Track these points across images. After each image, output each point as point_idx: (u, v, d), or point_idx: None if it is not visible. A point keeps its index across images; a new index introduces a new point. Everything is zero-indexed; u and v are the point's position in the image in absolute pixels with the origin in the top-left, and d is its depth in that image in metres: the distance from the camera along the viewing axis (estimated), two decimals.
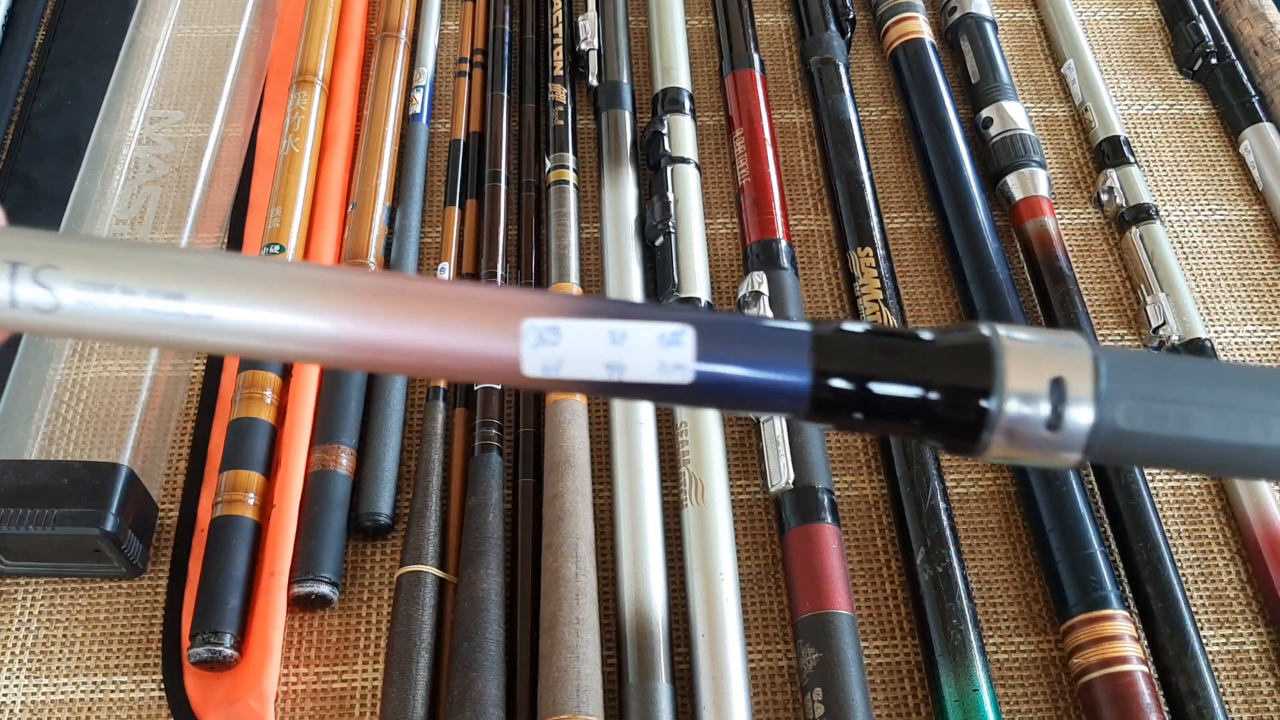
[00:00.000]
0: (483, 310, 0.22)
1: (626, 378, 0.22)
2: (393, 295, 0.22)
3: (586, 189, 0.59)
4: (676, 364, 0.22)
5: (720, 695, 0.42)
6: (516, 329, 0.22)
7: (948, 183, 0.58)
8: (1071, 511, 0.47)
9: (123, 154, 0.58)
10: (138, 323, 0.21)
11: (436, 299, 0.22)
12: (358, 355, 0.22)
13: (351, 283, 0.22)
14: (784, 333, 0.23)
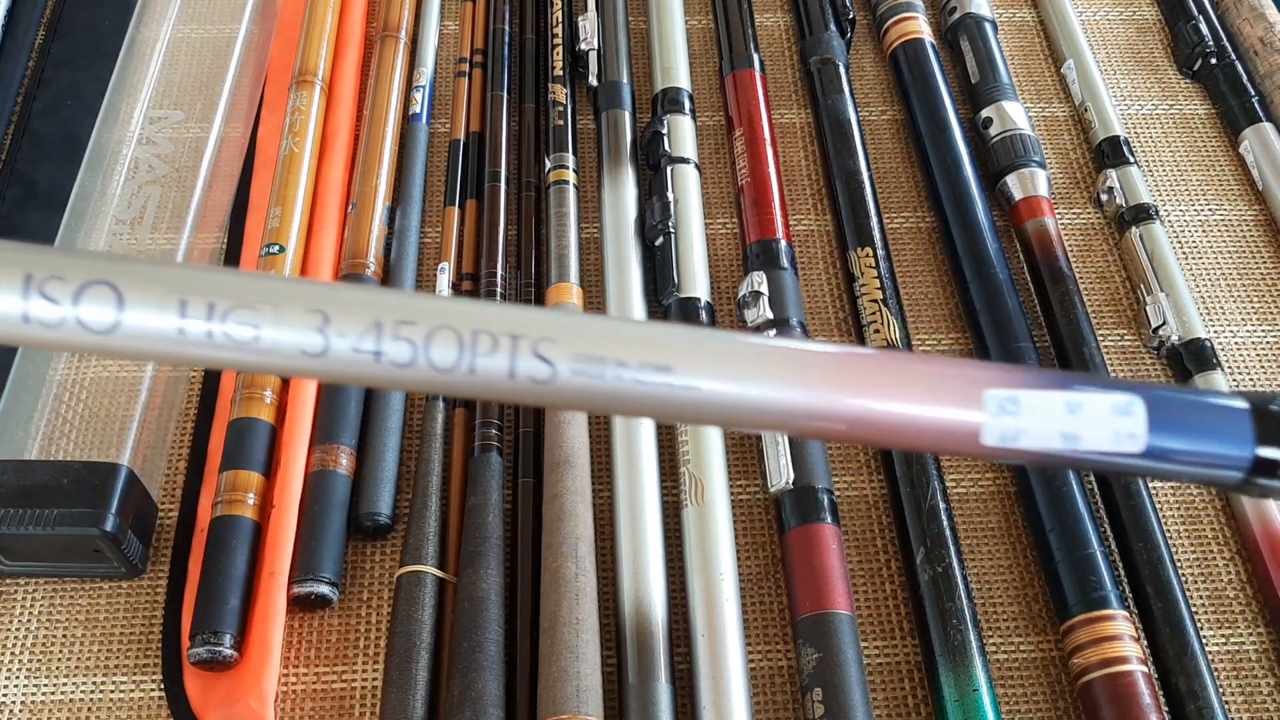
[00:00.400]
0: (946, 382, 0.23)
1: (1081, 448, 0.23)
2: (862, 369, 0.23)
3: (586, 189, 0.59)
4: (1130, 433, 0.23)
5: (720, 695, 0.42)
6: (979, 399, 0.23)
7: (948, 183, 0.58)
8: (1071, 511, 0.47)
9: (123, 154, 0.58)
10: (627, 395, 0.22)
11: (904, 372, 0.23)
12: (822, 425, 0.23)
13: (821, 357, 0.23)
14: (1227, 408, 0.24)
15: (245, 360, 0.21)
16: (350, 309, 0.21)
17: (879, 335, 0.52)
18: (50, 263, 0.21)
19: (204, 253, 0.56)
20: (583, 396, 0.22)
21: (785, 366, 0.23)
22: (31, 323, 0.21)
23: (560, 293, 0.53)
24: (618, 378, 0.22)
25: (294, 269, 0.53)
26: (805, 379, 0.23)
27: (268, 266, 0.53)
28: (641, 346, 0.22)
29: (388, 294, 0.22)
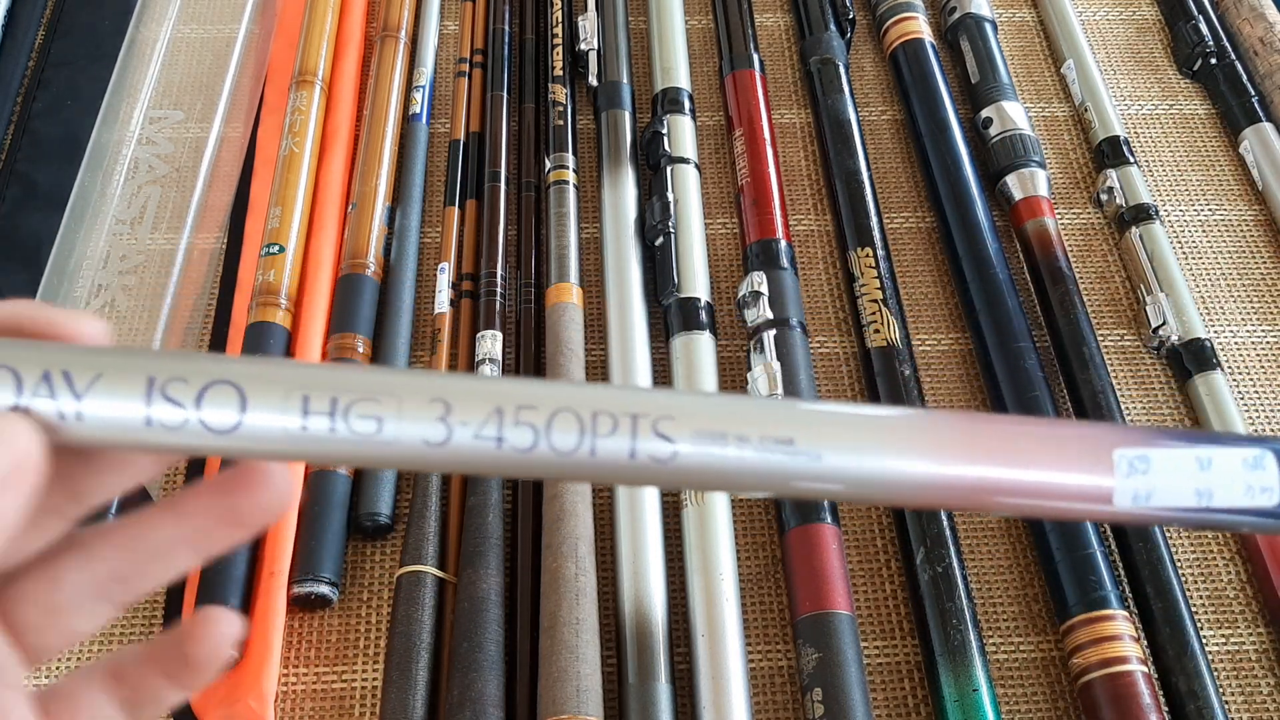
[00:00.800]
0: (1075, 444, 0.23)
1: (1215, 504, 0.23)
2: (988, 436, 0.23)
3: (586, 189, 0.59)
4: (1263, 487, 0.23)
5: (720, 695, 0.42)
6: (1109, 461, 0.22)
7: (947, 183, 0.58)
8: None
9: (122, 154, 0.58)
10: (749, 471, 0.22)
11: (1030, 436, 0.23)
12: (949, 497, 0.23)
13: (947, 424, 0.23)
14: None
15: (368, 454, 0.21)
16: (472, 397, 0.21)
17: (879, 335, 0.52)
18: (171, 366, 0.21)
19: (204, 253, 0.56)
20: (706, 473, 0.22)
21: (911, 436, 0.22)
22: (154, 426, 0.21)
23: (560, 293, 0.53)
24: (739, 455, 0.22)
25: (294, 269, 0.53)
26: (932, 449, 0.22)
27: (267, 267, 0.53)
28: (762, 421, 0.22)
29: (509, 382, 0.22)
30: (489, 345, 0.51)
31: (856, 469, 0.22)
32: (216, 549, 0.24)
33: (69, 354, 0.21)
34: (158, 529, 0.24)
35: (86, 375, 0.21)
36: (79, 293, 0.54)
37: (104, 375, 0.21)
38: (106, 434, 0.21)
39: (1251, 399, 0.54)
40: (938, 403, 0.53)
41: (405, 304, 0.54)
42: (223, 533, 0.24)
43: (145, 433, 0.21)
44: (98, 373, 0.21)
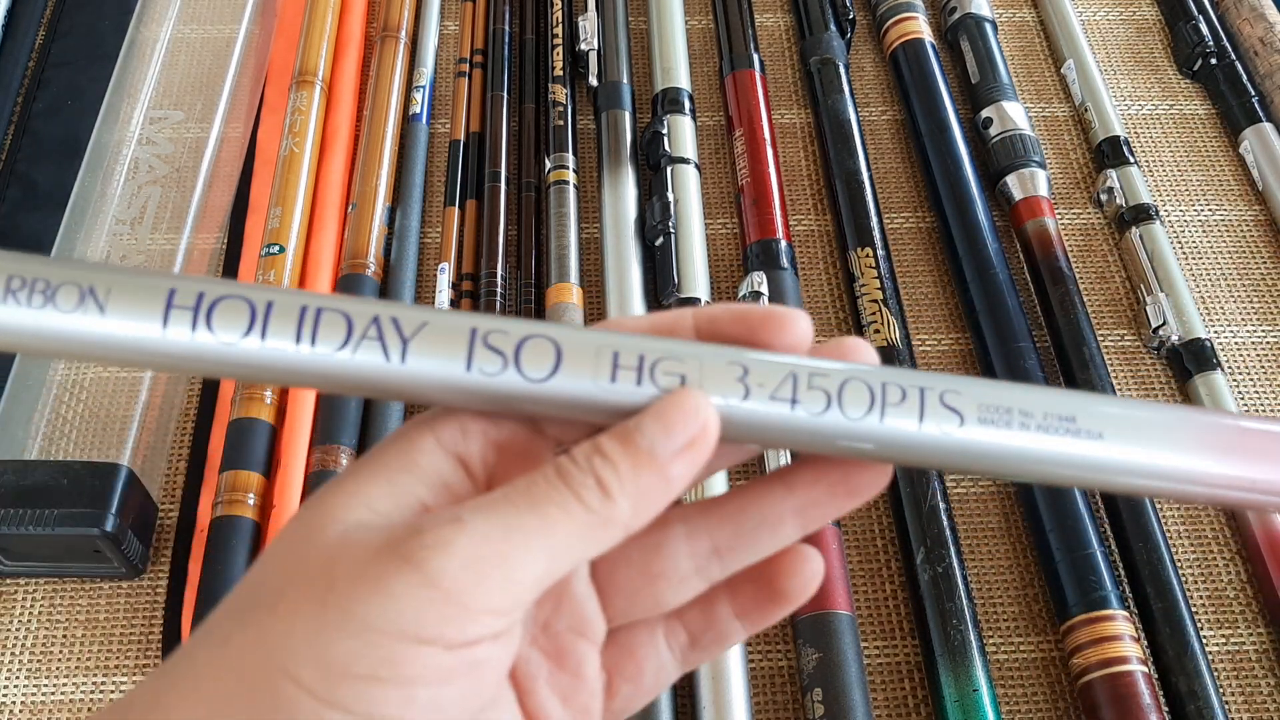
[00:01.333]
0: None
1: None
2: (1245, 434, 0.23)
3: (586, 189, 0.59)
4: None
5: (720, 695, 0.42)
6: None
7: (948, 183, 0.58)
8: (1071, 511, 0.47)
9: (123, 154, 0.58)
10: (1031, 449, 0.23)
11: None
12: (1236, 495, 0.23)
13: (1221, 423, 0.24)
14: None
15: None
16: (769, 366, 0.22)
17: (879, 335, 0.52)
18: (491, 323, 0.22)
19: (204, 253, 0.56)
20: (988, 449, 0.23)
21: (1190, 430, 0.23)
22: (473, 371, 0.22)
23: (560, 293, 0.53)
24: (1023, 434, 0.22)
25: (294, 269, 0.54)
26: (1234, 448, 0.23)
27: (268, 267, 0.53)
28: (1045, 401, 0.23)
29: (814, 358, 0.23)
30: None
31: (1139, 463, 0.23)
32: (824, 519, 0.25)
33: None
34: (766, 501, 0.24)
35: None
36: None
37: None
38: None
39: (1251, 399, 0.54)
40: None
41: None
42: (833, 503, 0.24)
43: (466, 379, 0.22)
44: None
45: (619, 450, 0.21)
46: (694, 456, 0.22)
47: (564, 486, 0.21)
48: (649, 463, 0.21)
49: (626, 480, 0.21)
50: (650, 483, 0.21)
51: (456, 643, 0.20)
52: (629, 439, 0.21)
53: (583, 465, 0.21)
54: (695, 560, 0.24)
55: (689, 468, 0.22)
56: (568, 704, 0.24)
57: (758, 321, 0.23)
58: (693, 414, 0.22)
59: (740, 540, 0.24)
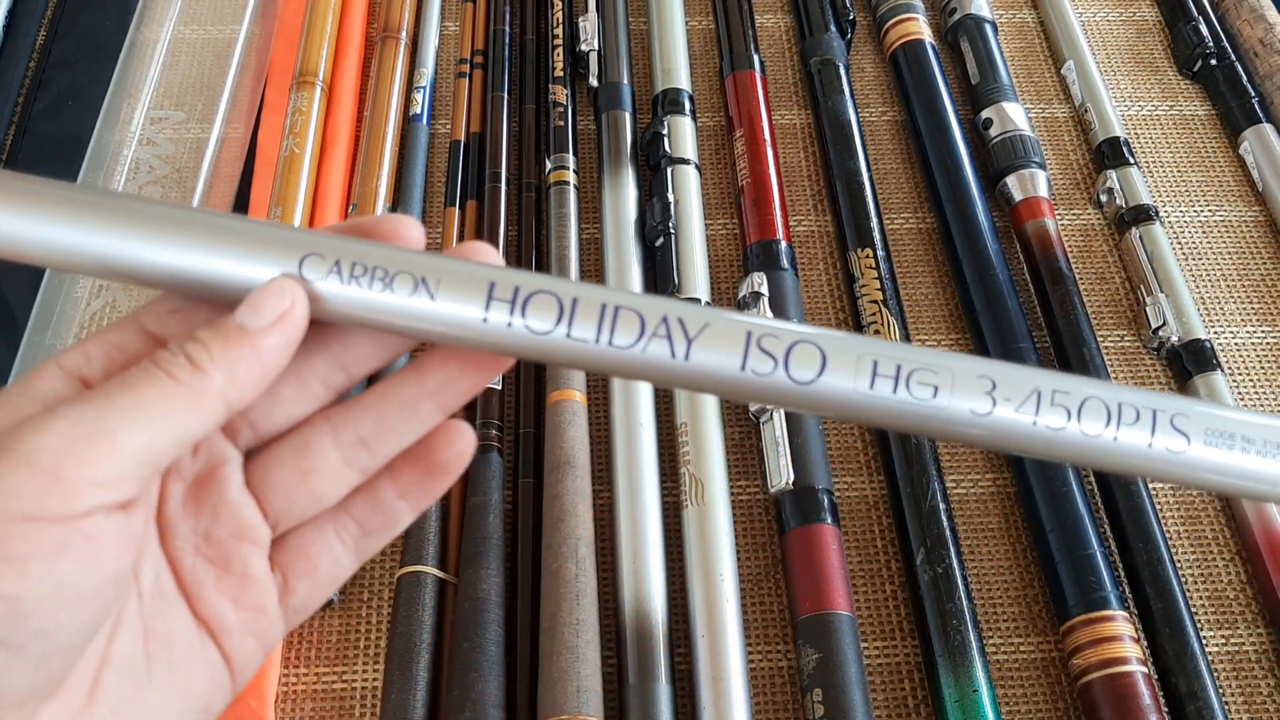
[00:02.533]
0: None
1: None
2: None
3: (586, 190, 0.59)
4: None
5: (720, 696, 0.42)
6: None
7: (948, 184, 0.58)
8: (1071, 512, 0.47)
9: (123, 154, 0.58)
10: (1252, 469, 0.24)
11: None
12: None
13: None
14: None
15: (924, 424, 0.24)
16: (1015, 381, 0.24)
17: (879, 336, 0.52)
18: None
19: None
20: (1216, 471, 0.24)
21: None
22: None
23: None
24: (1245, 455, 0.24)
25: None
26: None
27: None
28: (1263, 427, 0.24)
29: (1050, 373, 0.25)
30: None
31: None
32: (460, 399, 0.26)
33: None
34: (402, 388, 0.26)
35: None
36: (79, 293, 0.54)
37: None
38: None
39: (1251, 399, 0.54)
40: None
41: None
42: (466, 379, 0.26)
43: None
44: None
45: (209, 333, 0.23)
46: (284, 329, 0.23)
47: (155, 368, 0.22)
48: (238, 337, 0.23)
49: (217, 354, 0.23)
50: (241, 354, 0.23)
51: (63, 516, 0.20)
52: (220, 323, 0.23)
53: (174, 350, 0.23)
54: (343, 452, 0.26)
55: (280, 339, 0.23)
56: (239, 605, 0.25)
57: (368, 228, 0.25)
58: (277, 293, 0.23)
59: (383, 427, 0.26)
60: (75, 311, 0.53)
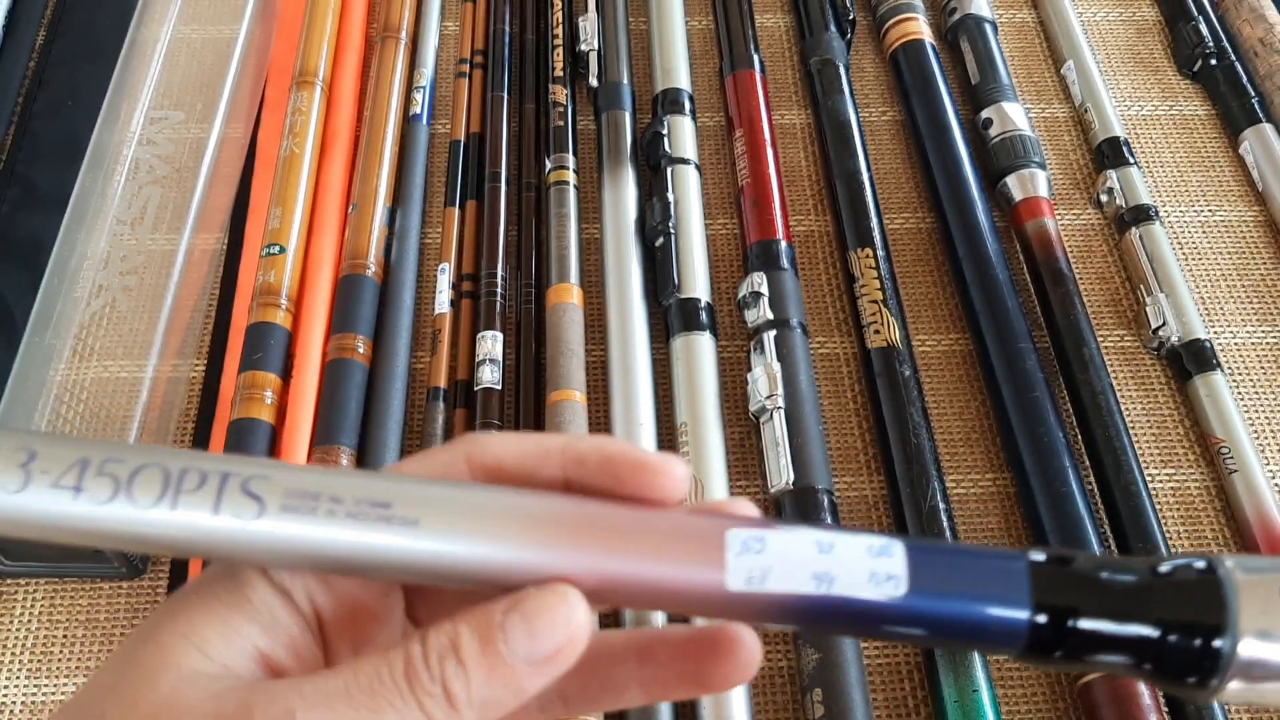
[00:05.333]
0: (689, 526, 0.22)
1: (835, 590, 0.21)
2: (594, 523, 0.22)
3: (586, 190, 0.59)
4: (889, 574, 0.21)
5: (720, 695, 0.42)
6: (721, 540, 0.21)
7: (947, 184, 0.58)
8: (1071, 512, 0.47)
9: (123, 154, 0.58)
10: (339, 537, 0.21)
11: (639, 523, 0.22)
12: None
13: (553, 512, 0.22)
14: (997, 559, 0.22)
15: None
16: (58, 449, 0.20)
17: (879, 336, 0.52)
18: None
19: (204, 253, 0.56)
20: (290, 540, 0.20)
21: (512, 521, 0.21)
22: None
23: (560, 293, 0.53)
24: (330, 514, 0.20)
25: (294, 269, 0.54)
26: (536, 537, 0.21)
27: (268, 267, 0.53)
28: (359, 487, 0.21)
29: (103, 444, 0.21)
30: (489, 346, 0.51)
31: (453, 548, 0.21)
32: (668, 699, 0.24)
33: None
34: (620, 666, 0.24)
35: None
36: (79, 294, 0.54)
37: None
38: None
39: (1251, 399, 0.54)
40: (938, 404, 0.53)
41: (405, 305, 0.54)
42: (683, 688, 0.24)
43: None
44: None
45: (476, 656, 0.20)
46: (554, 669, 0.20)
47: (409, 691, 0.20)
48: (505, 674, 0.20)
49: (477, 692, 0.20)
50: (501, 694, 0.20)
51: None
52: (490, 642, 0.20)
53: (433, 669, 0.20)
54: (542, 700, 0.24)
55: (546, 679, 0.20)
56: None
57: (627, 471, 0.22)
58: (564, 619, 0.20)
59: (586, 694, 0.24)
60: (75, 312, 0.53)
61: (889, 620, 0.21)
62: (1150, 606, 0.21)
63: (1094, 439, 0.50)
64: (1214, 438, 0.51)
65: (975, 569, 0.22)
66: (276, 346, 0.51)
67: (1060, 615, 0.21)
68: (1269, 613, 0.21)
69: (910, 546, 0.22)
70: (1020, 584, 0.21)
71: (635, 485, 0.22)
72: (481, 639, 0.20)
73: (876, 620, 0.22)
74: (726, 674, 0.23)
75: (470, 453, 0.22)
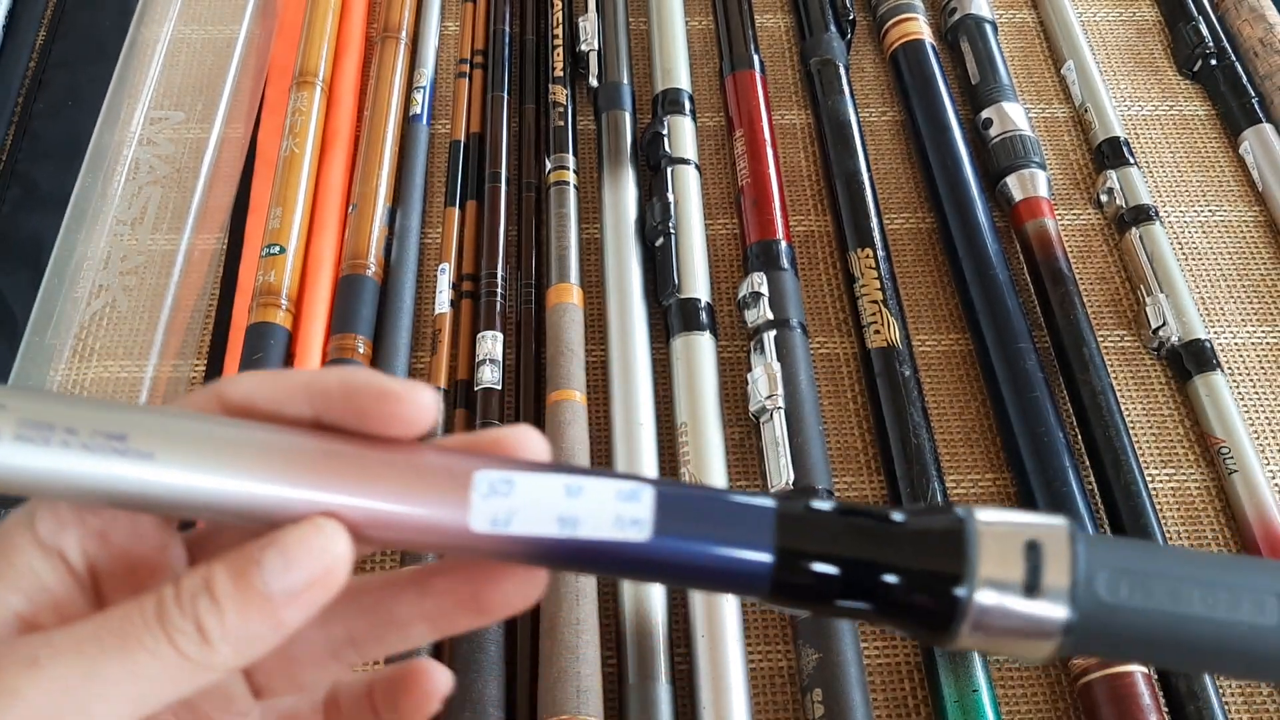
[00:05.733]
0: (434, 465, 0.22)
1: (580, 534, 0.21)
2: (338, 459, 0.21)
3: (586, 190, 0.59)
4: (634, 519, 0.21)
5: (720, 695, 0.42)
6: (468, 480, 0.21)
7: (947, 184, 0.58)
8: (1071, 512, 0.47)
9: (123, 155, 0.58)
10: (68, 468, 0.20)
11: (385, 462, 0.22)
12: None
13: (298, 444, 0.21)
14: (746, 504, 0.22)
15: None
16: None
17: (879, 336, 0.52)
18: None
19: (204, 253, 0.56)
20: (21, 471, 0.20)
21: (247, 453, 0.21)
22: None
23: (560, 293, 0.53)
24: (64, 444, 0.20)
25: (294, 269, 0.54)
26: (274, 470, 0.21)
27: (268, 267, 0.53)
28: (96, 418, 0.20)
29: None
30: (489, 346, 0.51)
31: (189, 481, 0.20)
32: (455, 630, 0.24)
33: None
34: (400, 602, 0.24)
35: None
36: (79, 293, 0.54)
37: None
38: None
39: (1251, 399, 0.54)
40: (938, 404, 0.53)
41: (406, 305, 0.54)
42: (464, 617, 0.23)
43: None
44: None
45: (230, 591, 0.20)
46: (316, 598, 0.20)
47: (160, 629, 0.19)
48: (261, 607, 0.20)
49: (231, 627, 0.20)
50: (259, 629, 0.20)
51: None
52: (243, 575, 0.20)
53: (185, 607, 0.20)
54: (332, 647, 0.24)
55: (305, 612, 0.20)
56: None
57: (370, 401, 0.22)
58: (317, 549, 0.20)
59: (373, 634, 0.24)
60: (75, 312, 0.53)
61: (632, 562, 0.22)
62: (893, 554, 0.22)
63: (1094, 439, 0.50)
64: (1214, 438, 0.51)
65: (723, 514, 0.22)
66: (276, 346, 0.51)
67: (802, 560, 0.22)
68: (1007, 564, 0.21)
69: (661, 491, 0.22)
70: (766, 529, 0.22)
71: (380, 415, 0.22)
72: (236, 574, 0.20)
73: (620, 562, 0.22)
74: (503, 598, 0.23)
75: (222, 392, 0.22)
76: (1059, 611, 0.21)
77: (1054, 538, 0.21)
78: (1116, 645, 0.22)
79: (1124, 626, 0.21)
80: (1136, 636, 0.21)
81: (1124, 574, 0.21)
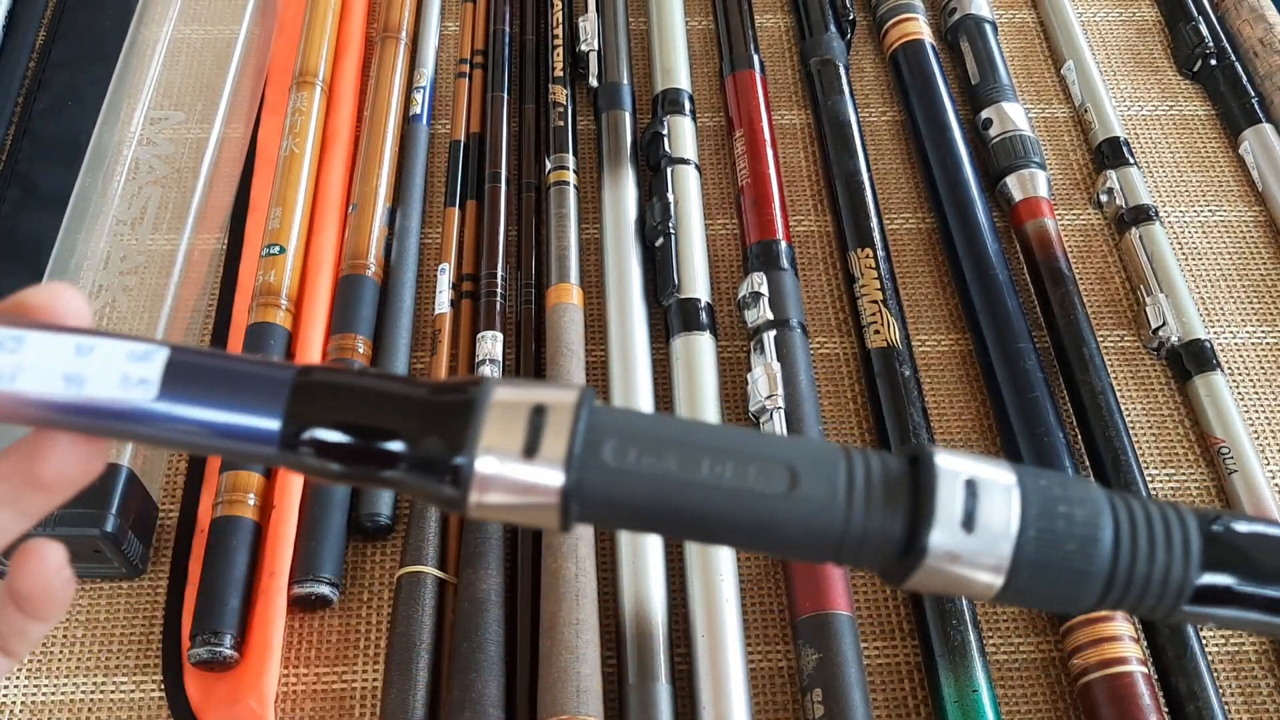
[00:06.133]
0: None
1: (85, 393, 0.21)
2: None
3: (586, 190, 0.59)
4: (141, 379, 0.21)
5: (720, 695, 0.42)
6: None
7: (947, 184, 0.58)
8: None
9: (123, 155, 0.58)
10: None
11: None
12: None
13: None
14: (264, 371, 0.22)
15: None
16: None
17: (879, 336, 0.52)
18: None
19: (204, 253, 0.56)
20: None
21: None
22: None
23: (560, 293, 0.53)
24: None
25: (294, 269, 0.54)
26: None
27: (268, 267, 0.53)
28: None
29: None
30: (489, 346, 0.51)
31: None
32: (40, 512, 0.23)
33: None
34: (7, 479, 0.23)
35: None
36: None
37: None
38: None
39: (1251, 399, 0.54)
40: (938, 403, 0.53)
41: (405, 305, 0.54)
42: (35, 496, 0.23)
43: None
44: None
45: None
46: None
47: None
48: None
49: None
50: None
51: None
52: None
53: None
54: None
55: None
56: None
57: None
58: None
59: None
60: None
61: (135, 421, 0.22)
62: (403, 423, 0.22)
63: (1094, 439, 0.50)
64: (1214, 438, 0.51)
65: (235, 378, 0.22)
66: (276, 347, 0.51)
67: (311, 426, 0.22)
68: (510, 432, 0.21)
69: (175, 354, 0.22)
70: (278, 395, 0.22)
71: None
72: None
73: (124, 421, 0.22)
74: (56, 471, 0.23)
75: None
76: (555, 477, 0.21)
77: (560, 406, 0.21)
78: (624, 512, 0.22)
79: (630, 493, 0.21)
80: (644, 502, 0.21)
81: (633, 440, 0.21)
